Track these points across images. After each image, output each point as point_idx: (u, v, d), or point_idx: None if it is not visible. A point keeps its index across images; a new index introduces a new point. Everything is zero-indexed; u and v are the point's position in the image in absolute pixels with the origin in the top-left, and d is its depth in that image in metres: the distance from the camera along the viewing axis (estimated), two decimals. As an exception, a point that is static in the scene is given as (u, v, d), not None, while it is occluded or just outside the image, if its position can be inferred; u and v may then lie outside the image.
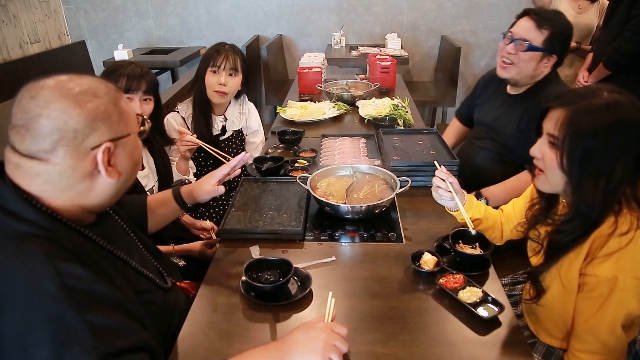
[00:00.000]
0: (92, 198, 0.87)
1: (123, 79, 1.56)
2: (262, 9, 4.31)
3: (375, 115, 2.35)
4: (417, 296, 1.18)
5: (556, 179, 1.09)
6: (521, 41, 1.70)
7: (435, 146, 1.90)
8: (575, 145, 1.03)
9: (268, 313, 1.13)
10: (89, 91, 0.83)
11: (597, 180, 1.02)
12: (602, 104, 1.02)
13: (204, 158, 2.10)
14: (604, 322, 1.06)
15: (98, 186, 0.86)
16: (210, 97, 2.04)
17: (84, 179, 0.84)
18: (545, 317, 1.22)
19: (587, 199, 1.03)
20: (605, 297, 1.04)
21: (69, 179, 0.82)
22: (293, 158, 1.92)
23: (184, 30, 4.43)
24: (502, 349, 1.02)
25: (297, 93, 2.92)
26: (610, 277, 1.02)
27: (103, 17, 4.40)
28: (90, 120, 0.81)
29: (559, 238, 1.10)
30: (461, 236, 1.34)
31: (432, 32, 4.32)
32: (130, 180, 0.93)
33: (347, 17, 4.30)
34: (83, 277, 0.77)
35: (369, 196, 1.54)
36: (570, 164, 1.05)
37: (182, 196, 1.35)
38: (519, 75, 1.77)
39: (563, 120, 1.05)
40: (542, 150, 1.11)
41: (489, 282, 1.23)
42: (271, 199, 1.60)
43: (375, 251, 1.36)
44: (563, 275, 1.11)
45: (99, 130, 0.82)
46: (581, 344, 1.10)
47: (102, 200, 0.89)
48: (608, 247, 1.03)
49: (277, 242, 1.40)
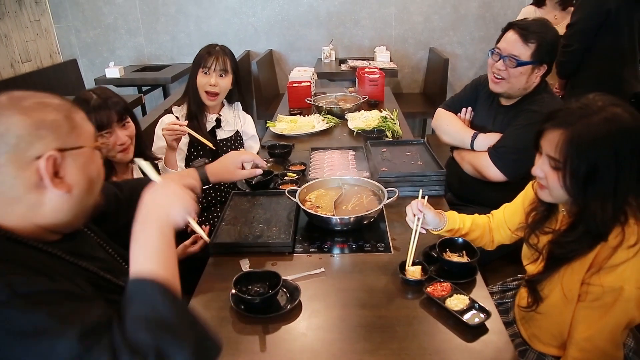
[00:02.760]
0: (46, 214, 0.83)
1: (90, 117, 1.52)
2: (252, 24, 4.37)
3: (364, 128, 2.38)
4: (405, 305, 1.19)
5: (561, 197, 1.10)
6: (510, 58, 1.71)
7: (423, 157, 1.92)
8: (578, 167, 1.02)
9: (258, 325, 1.14)
10: (41, 103, 0.82)
11: (604, 199, 1.02)
12: (600, 121, 1.01)
13: (196, 157, 2.11)
14: (605, 331, 1.07)
15: (49, 201, 0.82)
16: (202, 98, 2.07)
17: (30, 191, 0.80)
18: (541, 325, 1.23)
19: (597, 217, 1.02)
20: (609, 306, 1.05)
21: (12, 189, 0.79)
22: (283, 172, 1.93)
23: (174, 47, 4.48)
24: (490, 355, 1.03)
25: (287, 107, 2.96)
26: (616, 287, 1.03)
27: (94, 35, 4.44)
28: (35, 127, 0.79)
29: (562, 252, 1.10)
30: (448, 244, 1.36)
31: (420, 45, 4.39)
32: (88, 197, 0.89)
33: (336, 31, 4.37)
34: (37, 282, 0.76)
35: (357, 207, 1.56)
36: (575, 186, 1.04)
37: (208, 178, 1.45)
38: (511, 90, 1.79)
39: (563, 143, 1.04)
40: (544, 170, 1.11)
41: (475, 289, 1.25)
42: (261, 213, 1.61)
43: (364, 261, 1.37)
44: (565, 284, 1.11)
45: (44, 139, 0.79)
46: (580, 352, 1.11)
47: (59, 218, 0.85)
48: (615, 258, 1.03)
49: (267, 255, 1.41)
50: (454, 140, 2.03)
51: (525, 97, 1.82)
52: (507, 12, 4.17)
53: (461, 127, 2.00)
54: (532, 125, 1.72)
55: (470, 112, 2.05)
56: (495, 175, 1.80)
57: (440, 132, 2.10)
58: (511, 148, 1.76)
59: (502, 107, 1.90)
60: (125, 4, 4.31)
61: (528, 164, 1.73)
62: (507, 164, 1.77)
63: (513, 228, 1.40)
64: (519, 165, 1.76)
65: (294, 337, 1.10)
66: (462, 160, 1.99)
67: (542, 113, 1.72)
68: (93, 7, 4.32)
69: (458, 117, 2.06)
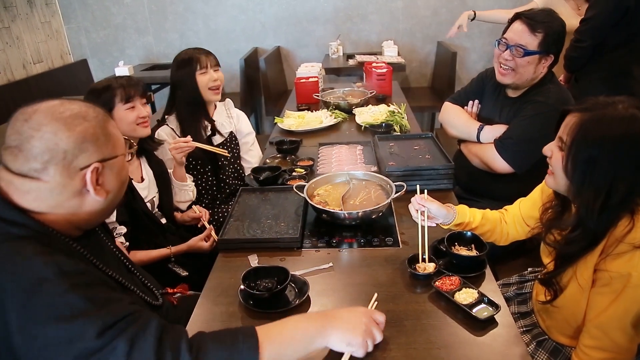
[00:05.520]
0: (81, 215, 0.92)
1: (120, 90, 1.61)
2: (259, 21, 4.37)
3: (372, 122, 2.38)
4: (413, 299, 1.19)
5: (562, 183, 1.11)
6: (517, 47, 1.71)
7: (431, 151, 1.91)
8: (579, 152, 1.03)
9: (266, 320, 1.12)
10: (79, 115, 0.88)
11: (596, 192, 1.02)
12: (616, 116, 1.02)
13: (202, 165, 2.13)
14: (614, 318, 1.06)
15: (87, 204, 0.91)
16: (207, 97, 2.08)
17: (74, 197, 0.89)
18: (558, 316, 1.23)
19: (587, 207, 1.03)
20: (618, 293, 1.04)
21: (58, 195, 0.88)
22: (291, 167, 1.94)
23: (183, 45, 4.46)
24: (499, 348, 1.03)
25: (295, 103, 2.96)
26: (623, 274, 1.03)
27: (104, 36, 4.48)
28: (80, 142, 0.87)
29: (568, 249, 1.11)
30: (457, 238, 1.35)
31: (428, 38, 4.35)
32: (118, 199, 0.99)
33: (344, 26, 4.35)
34: (74, 265, 0.82)
35: (365, 202, 1.56)
36: (573, 169, 1.05)
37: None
38: (519, 80, 1.77)
39: (573, 125, 1.05)
40: (552, 149, 1.13)
41: (484, 283, 1.24)
42: (269, 208, 1.62)
43: (372, 256, 1.37)
44: (579, 274, 1.11)
45: (87, 152, 0.88)
46: (591, 339, 1.10)
47: (91, 217, 0.94)
48: (622, 246, 1.03)
49: (275, 251, 1.42)
50: (461, 133, 2.02)
51: (531, 88, 1.81)
52: (515, 5, 4.11)
53: (467, 120, 2.00)
54: (539, 116, 1.72)
55: (477, 105, 2.04)
56: (502, 166, 1.79)
57: (447, 126, 2.09)
58: (517, 139, 1.76)
59: (508, 99, 1.89)
60: (133, 4, 4.34)
61: (535, 154, 1.73)
62: (514, 155, 1.76)
63: (529, 222, 1.39)
64: (526, 156, 1.75)
65: (303, 332, 1.10)
66: (469, 153, 1.98)
67: (548, 104, 1.71)
68: (102, 7, 4.36)
69: (465, 110, 2.05)
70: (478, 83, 2.05)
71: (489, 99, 1.99)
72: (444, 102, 2.15)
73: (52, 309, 0.76)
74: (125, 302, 0.85)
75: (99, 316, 0.77)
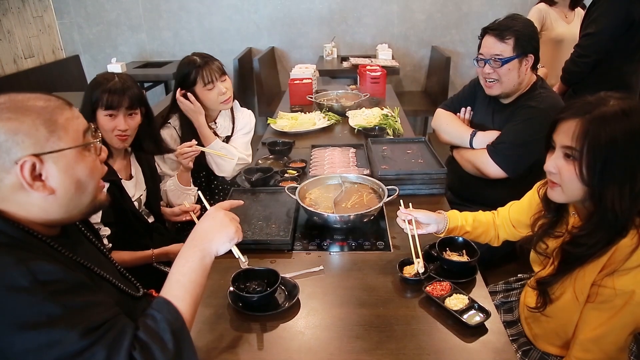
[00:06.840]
0: (35, 213, 0.87)
1: (104, 95, 1.54)
2: (254, 21, 4.36)
3: (365, 125, 2.37)
4: (404, 304, 1.19)
5: (575, 191, 1.07)
6: (493, 59, 1.75)
7: (424, 155, 1.92)
8: (595, 155, 1.01)
9: (255, 323, 1.13)
10: (19, 107, 0.84)
11: (621, 186, 1.00)
12: (617, 111, 1.00)
13: (197, 170, 2.11)
14: (612, 333, 1.06)
15: (35, 201, 0.86)
16: (218, 109, 2.07)
17: (17, 191, 0.84)
18: (547, 325, 1.22)
19: (615, 207, 1.01)
20: (617, 309, 1.03)
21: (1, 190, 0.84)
22: (283, 169, 1.93)
23: (177, 44, 4.47)
24: (489, 355, 1.02)
25: (289, 104, 2.95)
26: (627, 291, 1.01)
27: (97, 32, 4.43)
28: (12, 134, 0.82)
29: (578, 250, 1.08)
30: (448, 244, 1.35)
31: (422, 43, 4.37)
32: (83, 197, 0.92)
33: (339, 28, 4.35)
34: (52, 271, 0.80)
35: (357, 205, 1.55)
36: (591, 175, 1.02)
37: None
38: (507, 88, 1.80)
39: (579, 130, 1.02)
40: (558, 164, 1.08)
41: (475, 289, 1.24)
42: (260, 210, 1.61)
43: (363, 260, 1.36)
44: (577, 285, 1.09)
45: (21, 145, 0.83)
46: (584, 353, 1.10)
47: (49, 217, 0.89)
48: (631, 261, 1.01)
49: (266, 253, 1.40)
50: (453, 139, 2.03)
51: (522, 94, 1.83)
52: (510, 10, 4.13)
53: (460, 126, 2.01)
54: (531, 121, 1.74)
55: (469, 112, 2.05)
56: (494, 172, 1.80)
57: (440, 132, 2.10)
58: (510, 144, 1.77)
59: (500, 105, 1.91)
60: (127, 1, 4.30)
61: (527, 159, 1.75)
62: (506, 160, 1.78)
63: (517, 226, 1.40)
64: (518, 161, 1.77)
65: (292, 335, 1.09)
66: (461, 158, 1.99)
67: (539, 108, 1.73)
68: (95, 3, 4.32)
69: (457, 117, 2.06)
70: (470, 90, 2.07)
71: (481, 106, 2.00)
72: (437, 109, 2.16)
73: (28, 317, 0.74)
74: (103, 307, 0.83)
75: (75, 324, 0.76)
